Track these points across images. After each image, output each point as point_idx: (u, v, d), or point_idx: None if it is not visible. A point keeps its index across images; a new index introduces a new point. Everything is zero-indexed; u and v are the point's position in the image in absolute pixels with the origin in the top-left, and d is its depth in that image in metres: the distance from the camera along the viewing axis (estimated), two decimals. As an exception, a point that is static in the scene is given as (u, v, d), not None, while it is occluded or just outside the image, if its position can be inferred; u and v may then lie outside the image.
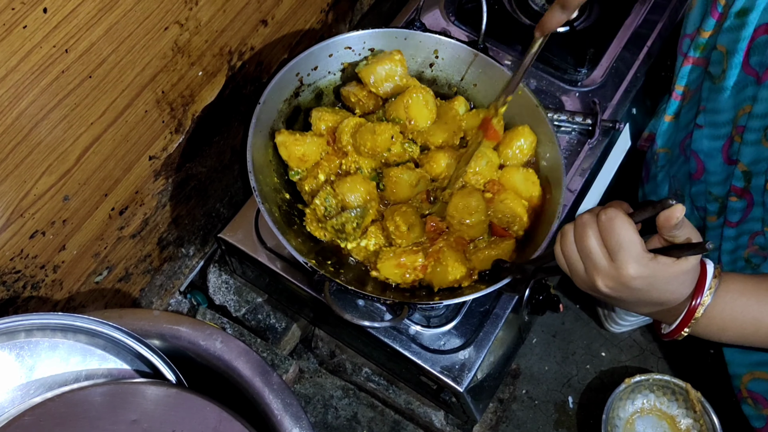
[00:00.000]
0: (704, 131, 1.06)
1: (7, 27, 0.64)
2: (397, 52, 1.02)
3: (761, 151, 0.95)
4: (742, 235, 1.01)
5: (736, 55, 0.96)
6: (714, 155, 1.06)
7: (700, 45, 1.04)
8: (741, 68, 0.97)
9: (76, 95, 0.76)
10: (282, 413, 0.74)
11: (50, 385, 0.71)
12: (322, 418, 1.19)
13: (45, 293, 0.89)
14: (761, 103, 0.94)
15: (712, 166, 1.07)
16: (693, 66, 1.08)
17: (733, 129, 1.01)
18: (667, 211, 0.63)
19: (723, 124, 1.03)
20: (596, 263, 0.67)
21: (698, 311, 0.70)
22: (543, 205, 0.97)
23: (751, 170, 0.98)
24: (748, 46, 0.95)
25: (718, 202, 1.07)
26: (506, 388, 1.31)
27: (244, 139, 0.91)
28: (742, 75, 0.97)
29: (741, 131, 0.98)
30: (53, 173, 0.79)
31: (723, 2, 0.98)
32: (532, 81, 1.18)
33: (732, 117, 1.01)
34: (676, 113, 1.14)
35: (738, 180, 1.00)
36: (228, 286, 1.22)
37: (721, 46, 0.99)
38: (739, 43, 0.95)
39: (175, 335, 0.77)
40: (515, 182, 0.97)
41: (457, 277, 0.91)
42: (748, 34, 0.94)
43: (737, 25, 0.95)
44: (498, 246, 0.93)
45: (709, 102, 1.04)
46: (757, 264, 0.99)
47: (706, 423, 1.18)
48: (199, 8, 0.86)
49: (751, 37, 0.94)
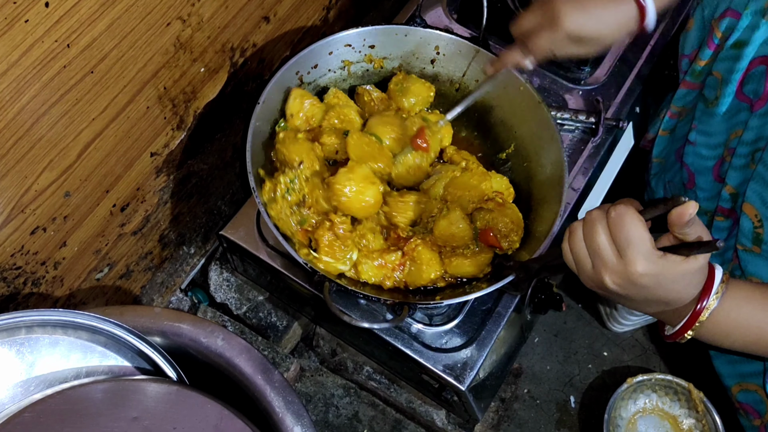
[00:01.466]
0: (696, 149, 1.08)
1: (9, 21, 0.63)
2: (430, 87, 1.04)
3: (748, 174, 0.97)
4: (728, 250, 1.02)
5: (730, 85, 0.98)
6: (704, 173, 1.09)
7: (696, 72, 1.07)
8: (734, 96, 0.99)
9: (78, 91, 0.75)
10: (283, 411, 0.73)
11: (50, 382, 0.71)
12: (323, 417, 1.18)
13: (46, 290, 0.89)
14: (751, 131, 0.96)
15: (703, 183, 1.09)
16: (689, 90, 1.10)
17: (725, 150, 1.03)
18: (680, 207, 0.63)
19: (715, 146, 1.06)
20: (605, 259, 0.66)
21: (703, 314, 0.70)
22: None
23: (737, 192, 1.00)
24: (743, 75, 0.97)
25: (707, 216, 1.08)
26: (508, 387, 1.31)
27: (245, 136, 0.90)
28: (735, 102, 0.99)
29: (732, 153, 1.00)
30: (54, 169, 0.79)
31: (719, 35, 0.99)
32: (535, 79, 1.18)
33: (724, 140, 1.04)
34: (672, 129, 1.16)
35: (725, 201, 1.02)
36: (229, 284, 1.21)
37: (717, 73, 1.01)
38: (734, 74, 0.97)
39: (176, 332, 0.77)
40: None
41: (431, 276, 0.90)
42: (743, 65, 0.96)
43: (733, 56, 0.98)
44: (474, 257, 0.91)
45: (701, 123, 1.06)
46: (737, 276, 1.00)
47: (709, 423, 1.17)
48: (202, 4, 0.86)
49: (746, 69, 0.96)
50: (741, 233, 0.96)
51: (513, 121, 1.03)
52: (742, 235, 0.95)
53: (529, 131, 1.02)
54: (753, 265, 0.94)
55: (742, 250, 0.95)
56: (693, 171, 1.10)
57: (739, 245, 0.96)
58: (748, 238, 0.94)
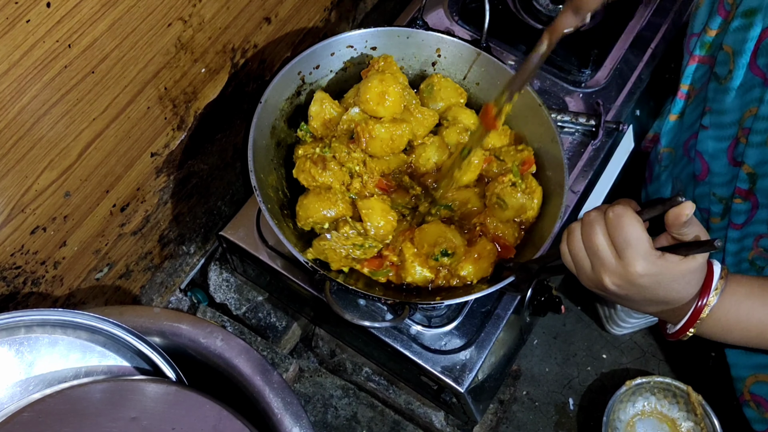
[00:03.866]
0: (709, 132, 1.06)
1: (10, 21, 0.63)
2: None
3: (767, 153, 0.95)
4: (747, 237, 1.01)
5: (743, 56, 0.95)
6: (719, 156, 1.06)
7: (706, 43, 1.04)
8: (748, 69, 0.96)
9: (79, 91, 0.75)
10: (282, 412, 0.73)
11: (50, 382, 0.71)
12: (321, 418, 1.18)
13: (45, 289, 0.89)
14: (767, 105, 0.93)
15: (717, 168, 1.07)
16: (698, 65, 1.07)
17: (739, 130, 1.01)
18: (677, 208, 0.63)
19: (728, 125, 1.03)
20: (603, 260, 0.66)
21: (704, 312, 0.70)
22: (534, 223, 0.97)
23: (756, 172, 0.98)
24: (756, 46, 0.94)
25: (723, 204, 1.07)
26: (507, 389, 1.31)
27: (246, 136, 0.90)
28: (749, 76, 0.97)
29: (747, 133, 0.97)
30: (55, 169, 0.79)
31: (731, 0, 0.97)
32: (535, 81, 1.18)
33: (738, 118, 1.01)
34: (681, 113, 1.14)
35: (743, 182, 1.00)
36: (229, 284, 1.21)
37: (728, 47, 0.98)
38: (746, 43, 0.94)
39: (175, 333, 0.77)
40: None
41: (415, 277, 0.90)
42: (755, 34, 0.93)
43: (744, 25, 0.95)
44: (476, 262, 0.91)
45: (714, 103, 1.03)
46: (761, 266, 0.98)
47: (707, 426, 1.17)
48: (203, 5, 0.86)
49: (759, 38, 0.93)
50: None
51: (513, 123, 1.03)
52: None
53: (529, 133, 1.02)
54: None
55: None
56: (707, 158, 1.08)
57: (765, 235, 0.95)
58: None
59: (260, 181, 0.89)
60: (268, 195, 0.91)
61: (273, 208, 0.90)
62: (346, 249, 0.89)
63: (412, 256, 0.89)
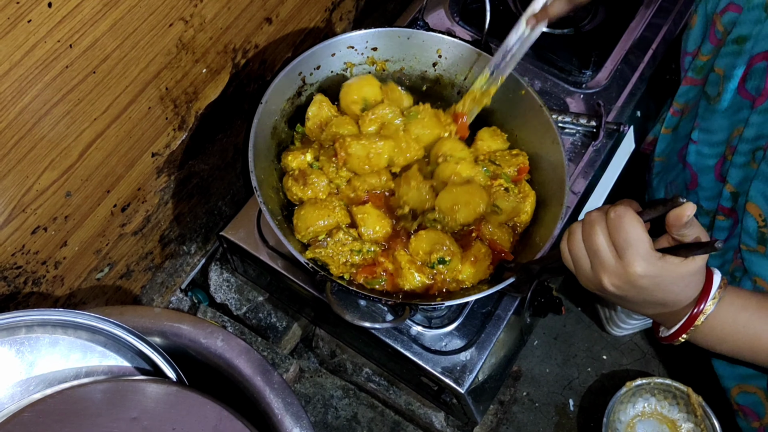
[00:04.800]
0: (698, 147, 1.08)
1: (12, 21, 0.63)
2: None
3: (748, 172, 0.96)
4: (728, 251, 1.02)
5: (732, 81, 0.97)
6: (706, 171, 1.08)
7: (698, 67, 1.06)
8: (736, 92, 0.98)
9: (80, 91, 0.75)
10: (282, 412, 0.73)
11: (50, 382, 0.71)
12: (322, 418, 1.18)
13: (46, 289, 0.89)
14: (751, 127, 0.95)
15: (705, 182, 1.08)
16: (691, 86, 1.09)
17: (727, 148, 1.03)
18: (678, 209, 0.63)
19: (717, 144, 1.05)
20: (603, 261, 0.66)
21: (699, 319, 0.70)
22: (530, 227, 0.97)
23: (738, 191, 0.99)
24: (745, 72, 0.96)
25: (709, 217, 1.08)
26: (507, 389, 1.31)
27: (247, 137, 0.90)
28: (737, 98, 0.98)
29: (734, 151, 0.99)
30: (56, 169, 0.79)
31: (721, 28, 0.99)
32: (536, 82, 1.18)
33: (726, 137, 1.03)
34: (674, 127, 1.15)
35: (726, 200, 1.01)
36: (229, 285, 1.21)
37: (719, 69, 1.00)
38: (736, 69, 0.96)
39: (176, 333, 0.77)
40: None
41: (413, 283, 0.90)
42: (744, 61, 0.95)
43: (734, 51, 0.97)
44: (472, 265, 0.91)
45: (704, 120, 1.05)
46: (738, 277, 0.99)
47: (708, 427, 1.17)
48: (204, 5, 0.86)
49: (749, 64, 0.95)
50: (745, 233, 0.95)
51: (514, 124, 1.03)
52: (746, 234, 0.95)
53: (530, 134, 1.02)
54: (757, 265, 0.94)
55: (746, 250, 0.95)
56: (695, 171, 1.09)
57: (742, 245, 0.96)
58: (753, 238, 0.94)
59: (261, 182, 0.89)
60: (268, 195, 0.91)
61: (273, 209, 0.90)
62: (345, 255, 0.89)
63: (407, 263, 0.89)
